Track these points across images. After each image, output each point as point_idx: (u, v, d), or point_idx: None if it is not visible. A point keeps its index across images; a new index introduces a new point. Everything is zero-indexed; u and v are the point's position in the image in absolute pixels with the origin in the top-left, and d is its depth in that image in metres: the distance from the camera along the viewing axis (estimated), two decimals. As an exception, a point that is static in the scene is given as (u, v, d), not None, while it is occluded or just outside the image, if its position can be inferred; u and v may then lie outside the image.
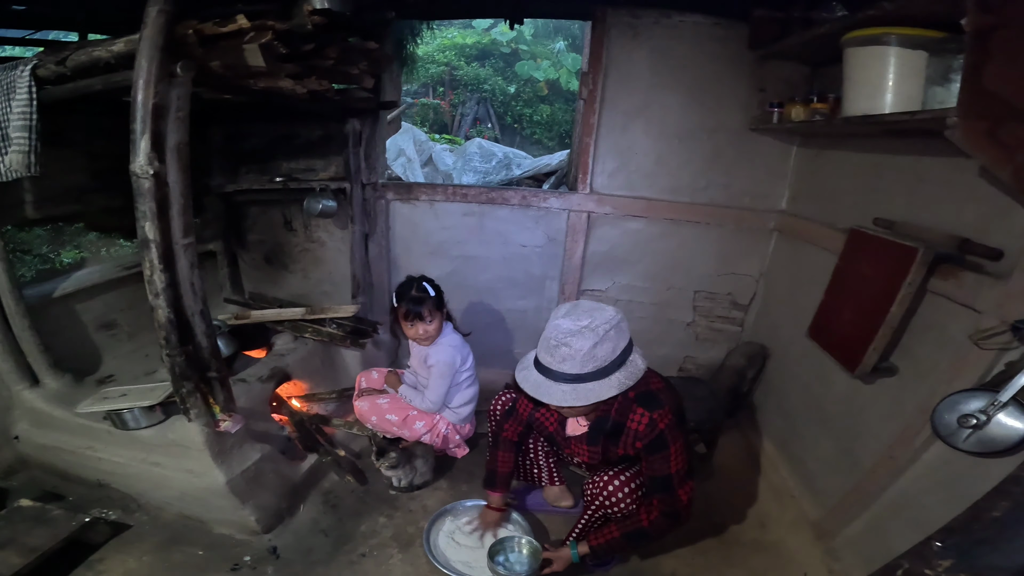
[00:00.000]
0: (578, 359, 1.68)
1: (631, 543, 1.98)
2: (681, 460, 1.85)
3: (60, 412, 2.38)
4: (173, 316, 1.89)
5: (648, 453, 1.86)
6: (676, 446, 1.83)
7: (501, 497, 2.30)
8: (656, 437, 1.82)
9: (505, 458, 2.28)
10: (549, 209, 3.27)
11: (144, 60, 1.63)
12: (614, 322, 1.72)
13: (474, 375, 2.75)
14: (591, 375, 1.69)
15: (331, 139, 3.19)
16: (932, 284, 1.80)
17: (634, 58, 2.96)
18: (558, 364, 1.71)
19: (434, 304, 2.55)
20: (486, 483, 2.33)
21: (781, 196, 3.04)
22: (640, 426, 1.83)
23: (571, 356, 1.68)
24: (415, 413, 2.67)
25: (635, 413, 1.84)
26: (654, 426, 1.81)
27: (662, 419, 1.80)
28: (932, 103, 1.69)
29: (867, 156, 2.36)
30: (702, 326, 3.39)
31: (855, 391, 2.17)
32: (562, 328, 1.71)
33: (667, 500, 1.87)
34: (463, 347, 2.68)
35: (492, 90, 10.55)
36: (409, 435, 2.67)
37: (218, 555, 2.19)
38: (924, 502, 1.76)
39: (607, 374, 1.71)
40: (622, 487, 1.96)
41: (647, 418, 1.81)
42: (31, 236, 2.83)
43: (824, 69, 2.73)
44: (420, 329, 2.55)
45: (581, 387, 1.70)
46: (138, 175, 1.69)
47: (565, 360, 1.69)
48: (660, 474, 1.85)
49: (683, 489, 1.87)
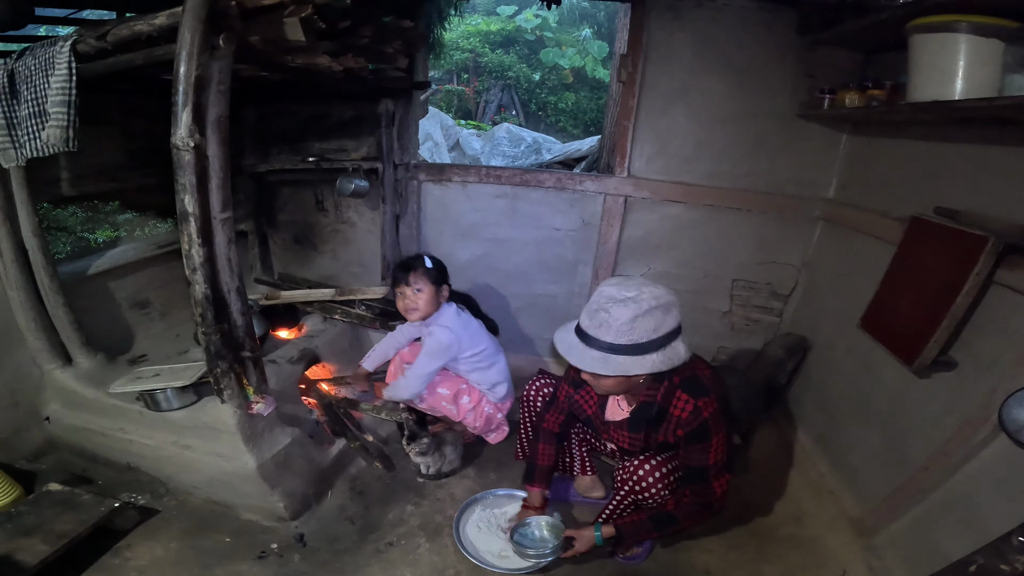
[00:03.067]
0: (614, 328, 1.63)
1: (658, 527, 1.91)
2: (721, 451, 1.80)
3: (92, 392, 2.38)
4: (210, 292, 1.87)
5: (688, 443, 1.81)
6: (718, 437, 1.78)
7: (540, 493, 2.22)
8: (699, 426, 1.77)
9: (546, 451, 2.23)
10: (584, 192, 3.21)
11: (187, 32, 1.60)
12: (662, 301, 1.65)
13: (493, 353, 2.66)
14: (625, 348, 1.63)
15: (363, 119, 3.17)
16: (998, 275, 1.73)
17: (675, 41, 2.88)
18: (595, 330, 1.66)
19: (425, 274, 2.47)
20: (525, 478, 2.28)
21: (828, 184, 2.95)
22: (684, 413, 1.78)
23: (607, 323, 1.64)
24: (464, 387, 2.63)
25: (679, 399, 1.79)
26: (698, 414, 1.75)
27: (707, 407, 1.75)
28: (1011, 90, 1.61)
29: (927, 144, 2.27)
30: (739, 316, 3.32)
31: (908, 385, 2.10)
32: (606, 294, 1.67)
33: (701, 491, 1.83)
34: (466, 332, 2.57)
35: (517, 77, 10.50)
36: (456, 412, 2.62)
37: (245, 542, 2.17)
38: (978, 500, 1.71)
39: (642, 352, 1.64)
40: (653, 471, 1.91)
41: (691, 405, 1.76)
42: (67, 214, 2.83)
43: (879, 56, 2.63)
44: (408, 296, 2.48)
45: (612, 358, 1.64)
46: (179, 147, 1.67)
47: (602, 326, 1.65)
48: (697, 464, 1.81)
49: (719, 481, 1.82)
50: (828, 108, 2.60)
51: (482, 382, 2.64)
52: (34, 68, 1.85)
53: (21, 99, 1.90)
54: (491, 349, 2.65)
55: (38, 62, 1.84)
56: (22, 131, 1.91)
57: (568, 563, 2.10)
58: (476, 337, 2.61)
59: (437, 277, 2.51)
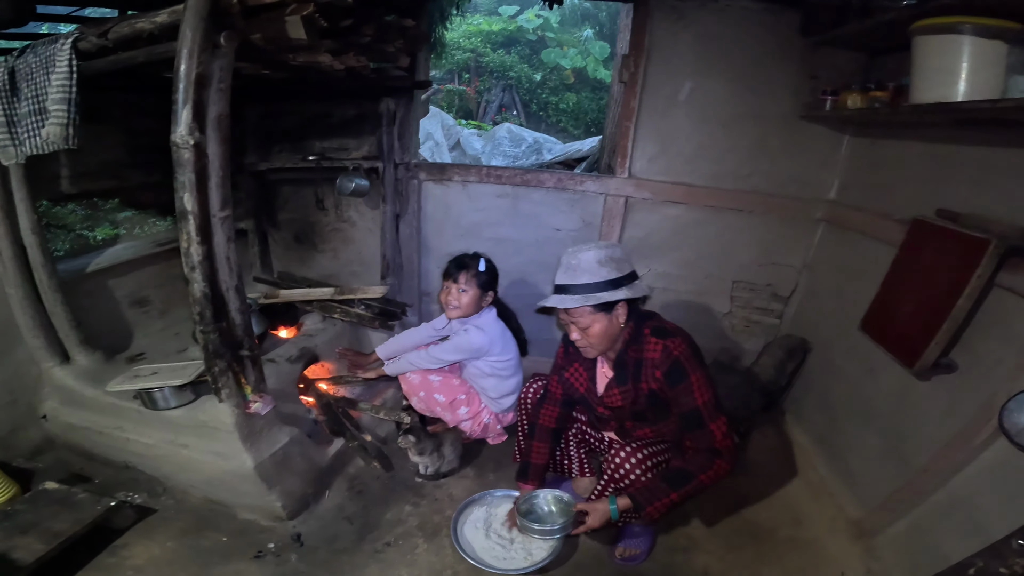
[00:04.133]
0: (587, 269, 1.84)
1: (674, 485, 1.86)
2: (706, 392, 1.87)
3: (90, 390, 2.37)
4: (208, 291, 1.87)
5: (670, 384, 1.88)
6: (696, 376, 1.86)
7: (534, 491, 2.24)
8: (672, 364, 1.87)
9: (540, 448, 2.24)
10: (585, 193, 3.21)
11: (188, 30, 1.60)
12: (617, 251, 1.90)
13: (515, 366, 2.69)
14: (599, 285, 1.83)
15: (364, 118, 3.16)
16: (1000, 278, 1.73)
17: (678, 41, 2.88)
18: (570, 277, 1.86)
19: (475, 277, 2.53)
20: (519, 475, 2.28)
21: (830, 185, 2.94)
22: (655, 354, 1.90)
23: (579, 267, 1.85)
24: (463, 398, 2.64)
25: (649, 343, 1.92)
26: (668, 353, 1.87)
27: (676, 347, 1.87)
28: (1014, 92, 1.62)
29: (929, 146, 2.27)
30: (739, 317, 3.32)
31: (908, 388, 2.10)
32: (570, 251, 1.91)
33: (700, 437, 1.87)
34: (500, 338, 2.61)
35: (518, 77, 10.45)
36: (451, 419, 2.63)
37: (242, 542, 2.17)
38: (979, 503, 1.71)
39: (614, 287, 1.84)
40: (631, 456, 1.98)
41: (660, 345, 1.89)
42: (66, 212, 2.82)
43: (882, 58, 2.63)
44: (452, 293, 2.54)
45: (592, 295, 1.83)
46: (179, 145, 1.67)
47: (575, 271, 1.85)
48: (688, 408, 1.87)
49: (715, 423, 1.85)
50: (831, 109, 2.59)
51: (493, 390, 2.65)
52: (35, 66, 1.84)
53: (21, 96, 1.89)
54: (516, 361, 2.67)
55: (39, 59, 1.84)
56: (22, 128, 1.91)
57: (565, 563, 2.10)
58: (507, 346, 2.64)
59: (486, 282, 2.56)
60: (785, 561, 2.21)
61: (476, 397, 2.66)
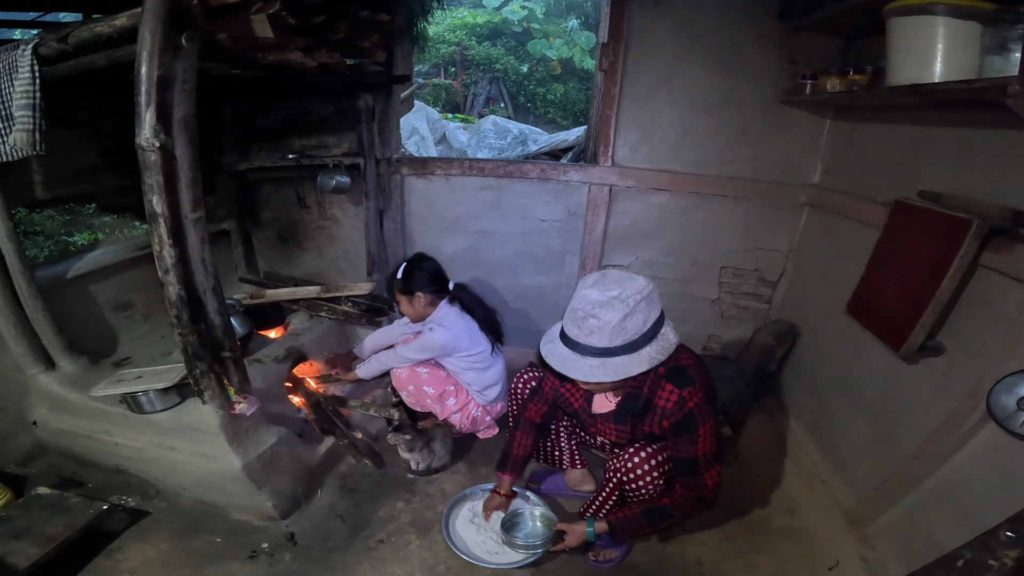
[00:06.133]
0: (607, 332, 1.59)
1: (652, 522, 1.87)
2: (709, 443, 1.76)
3: (76, 396, 2.35)
4: (184, 293, 1.84)
5: (675, 434, 1.77)
6: (705, 427, 1.74)
7: (511, 481, 2.25)
8: (684, 416, 1.72)
9: (523, 440, 2.22)
10: (569, 183, 3.20)
11: (147, 32, 1.56)
12: (645, 292, 1.62)
13: (489, 357, 2.64)
14: (620, 349, 1.61)
15: (344, 115, 3.12)
16: (984, 258, 1.72)
17: (657, 28, 2.86)
18: (585, 337, 1.62)
19: (395, 285, 2.59)
20: (498, 465, 2.28)
21: (813, 169, 2.93)
22: (668, 403, 1.74)
23: (599, 328, 1.59)
24: (451, 389, 2.63)
25: (663, 390, 1.74)
26: (683, 404, 1.71)
27: (692, 397, 1.71)
28: (989, 72, 1.60)
29: (909, 128, 2.26)
30: (728, 303, 3.31)
31: (896, 371, 2.09)
32: (590, 299, 1.61)
33: (692, 484, 1.80)
34: (466, 333, 2.56)
35: (504, 69, 10.39)
36: (441, 411, 2.62)
37: (236, 542, 2.17)
38: (970, 489, 1.70)
39: (637, 348, 1.62)
40: (645, 461, 1.88)
41: (676, 395, 1.72)
42: (45, 218, 2.79)
43: (860, 41, 2.62)
44: (401, 305, 2.62)
45: (610, 362, 1.61)
46: (144, 148, 1.64)
47: (593, 333, 1.61)
48: (686, 456, 1.77)
49: (709, 473, 1.78)
50: (810, 94, 2.59)
51: (475, 383, 2.63)
52: (-1, 72, 1.81)
53: (-14, 103, 1.86)
54: (488, 352, 2.64)
55: (2, 66, 1.81)
56: (-11, 136, 1.87)
57: (558, 555, 2.10)
58: (475, 339, 2.60)
59: (404, 287, 2.56)
60: (779, 550, 2.20)
61: (463, 390, 2.65)
